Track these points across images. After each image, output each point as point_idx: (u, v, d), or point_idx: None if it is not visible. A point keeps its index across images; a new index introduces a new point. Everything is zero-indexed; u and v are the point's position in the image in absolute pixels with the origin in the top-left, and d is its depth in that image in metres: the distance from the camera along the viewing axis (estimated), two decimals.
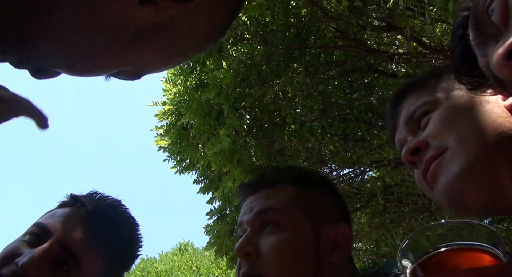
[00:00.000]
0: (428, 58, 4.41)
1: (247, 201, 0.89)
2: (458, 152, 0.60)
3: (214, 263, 14.21)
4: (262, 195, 0.86)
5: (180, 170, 5.68)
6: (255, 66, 4.65)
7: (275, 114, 4.86)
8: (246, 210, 0.86)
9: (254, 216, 0.84)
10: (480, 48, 0.51)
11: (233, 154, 4.38)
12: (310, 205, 0.86)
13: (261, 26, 4.69)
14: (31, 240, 0.76)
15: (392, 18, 4.07)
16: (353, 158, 4.83)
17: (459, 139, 0.61)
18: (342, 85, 5.12)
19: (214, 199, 5.32)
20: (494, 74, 0.48)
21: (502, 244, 0.49)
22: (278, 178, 0.90)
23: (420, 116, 0.70)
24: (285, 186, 0.87)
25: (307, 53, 4.67)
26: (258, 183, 0.91)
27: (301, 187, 0.88)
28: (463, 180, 0.59)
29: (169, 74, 5.27)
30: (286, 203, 0.84)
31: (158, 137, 5.62)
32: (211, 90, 4.45)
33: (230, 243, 5.10)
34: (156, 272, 15.46)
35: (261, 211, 0.83)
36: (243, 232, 0.84)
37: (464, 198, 0.59)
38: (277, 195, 0.85)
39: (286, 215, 0.82)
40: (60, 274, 0.74)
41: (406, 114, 0.73)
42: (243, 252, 0.80)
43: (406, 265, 0.51)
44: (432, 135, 0.66)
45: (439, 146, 0.63)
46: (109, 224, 0.81)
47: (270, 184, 0.88)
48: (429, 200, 5.03)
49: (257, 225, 0.83)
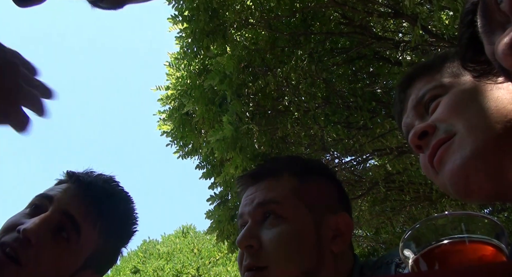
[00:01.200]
0: (434, 46, 4.36)
1: (248, 192, 0.88)
2: (466, 137, 0.60)
3: (215, 247, 14.39)
4: (263, 186, 0.86)
5: (182, 155, 5.70)
6: (259, 52, 4.61)
7: (279, 101, 4.84)
8: (247, 201, 0.86)
9: (255, 208, 0.84)
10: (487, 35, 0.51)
11: (236, 141, 4.38)
12: (310, 195, 0.86)
13: (266, 11, 4.64)
14: (32, 212, 0.78)
15: (399, 5, 4.01)
16: (355, 146, 4.83)
17: (468, 124, 0.61)
18: (347, 73, 5.09)
19: (216, 185, 5.35)
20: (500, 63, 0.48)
21: (505, 236, 0.49)
22: (278, 168, 0.90)
23: (429, 100, 0.69)
24: (285, 176, 0.87)
25: (312, 40, 4.62)
26: (258, 174, 0.91)
27: (301, 177, 0.88)
28: (470, 166, 0.59)
29: (172, 59, 5.24)
30: (286, 195, 0.84)
31: (161, 122, 5.62)
32: (214, 77, 4.42)
33: (231, 228, 5.15)
34: (158, 253, 15.67)
35: (262, 203, 0.83)
36: (244, 223, 0.85)
37: (469, 184, 0.59)
38: (277, 187, 0.85)
39: (287, 207, 0.82)
40: (60, 240, 0.76)
41: (414, 98, 0.72)
42: (245, 245, 0.81)
43: (408, 256, 0.52)
44: (440, 119, 0.65)
45: (447, 131, 0.63)
46: (105, 197, 0.83)
47: (270, 174, 0.88)
48: (430, 188, 5.05)
49: (258, 217, 0.83)
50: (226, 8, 4.52)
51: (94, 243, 0.80)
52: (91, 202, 0.80)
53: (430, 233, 0.51)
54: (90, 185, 0.82)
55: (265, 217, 0.82)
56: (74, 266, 0.79)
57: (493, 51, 0.49)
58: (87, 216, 0.79)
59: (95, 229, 0.80)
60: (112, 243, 0.85)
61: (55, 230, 0.76)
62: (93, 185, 0.83)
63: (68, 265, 0.78)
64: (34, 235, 0.73)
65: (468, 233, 0.49)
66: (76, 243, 0.77)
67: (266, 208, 0.83)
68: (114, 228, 0.84)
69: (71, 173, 0.86)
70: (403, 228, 6.12)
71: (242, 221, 0.87)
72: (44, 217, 0.75)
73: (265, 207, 0.83)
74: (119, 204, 0.86)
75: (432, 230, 0.51)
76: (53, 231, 0.76)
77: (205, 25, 4.48)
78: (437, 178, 0.65)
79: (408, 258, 0.52)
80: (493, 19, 0.49)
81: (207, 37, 4.58)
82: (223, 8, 4.50)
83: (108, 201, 0.83)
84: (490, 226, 0.49)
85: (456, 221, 0.50)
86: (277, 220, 0.81)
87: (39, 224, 0.74)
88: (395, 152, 4.84)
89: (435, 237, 0.49)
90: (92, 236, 0.80)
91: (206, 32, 4.56)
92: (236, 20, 4.50)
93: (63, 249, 0.76)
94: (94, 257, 0.81)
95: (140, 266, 15.52)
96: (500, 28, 0.48)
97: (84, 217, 0.78)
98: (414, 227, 0.52)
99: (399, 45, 4.53)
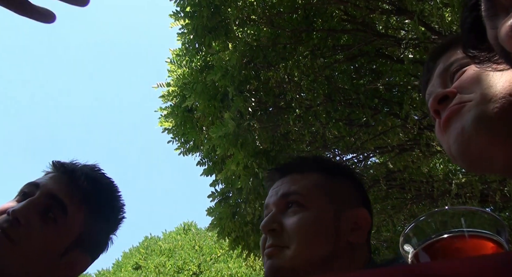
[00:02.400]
0: (437, 43, 4.34)
1: (274, 185, 0.96)
2: (479, 103, 0.60)
3: (216, 244, 14.43)
4: (288, 180, 0.94)
5: (184, 152, 5.70)
6: (261, 48, 4.60)
7: (280, 98, 4.83)
8: (273, 193, 0.94)
9: (279, 198, 0.91)
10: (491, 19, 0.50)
11: (237, 138, 4.38)
12: (332, 190, 0.92)
13: (268, 8, 4.62)
14: (21, 198, 0.84)
15: (402, 2, 3.99)
16: (357, 143, 4.82)
17: (484, 92, 0.61)
18: (349, 70, 5.07)
19: (217, 182, 5.35)
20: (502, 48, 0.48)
21: (505, 231, 0.49)
22: (304, 165, 0.98)
23: (456, 70, 0.69)
24: (310, 173, 0.94)
25: (314, 36, 4.61)
26: (285, 169, 0.98)
27: (326, 174, 0.95)
28: (474, 129, 0.59)
29: (174, 55, 5.23)
30: (310, 187, 0.91)
31: (162, 118, 5.62)
32: (216, 72, 4.42)
33: (233, 225, 5.16)
34: (160, 250, 15.73)
35: (286, 193, 0.91)
36: (269, 213, 0.91)
37: (470, 146, 0.60)
38: (302, 180, 0.92)
39: (309, 198, 0.89)
40: (47, 221, 0.81)
41: (442, 66, 0.72)
42: (268, 228, 0.87)
43: (408, 250, 0.52)
44: (462, 86, 0.65)
45: (466, 97, 0.63)
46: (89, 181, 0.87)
47: (296, 170, 0.96)
48: (432, 187, 5.04)
49: (282, 206, 0.90)
50: (228, 4, 4.50)
51: (81, 225, 0.85)
52: (76, 186, 0.85)
53: (430, 227, 0.50)
54: (75, 172, 0.88)
55: (288, 206, 0.89)
56: (63, 244, 0.83)
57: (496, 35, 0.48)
58: (72, 198, 0.84)
59: (81, 211, 0.85)
60: (99, 227, 0.89)
61: (42, 212, 0.81)
62: (77, 171, 0.88)
63: (56, 244, 0.82)
64: (22, 215, 0.78)
65: (468, 228, 0.48)
66: (63, 223, 0.82)
67: (290, 198, 0.90)
68: (100, 211, 0.88)
69: (56, 163, 0.91)
70: (404, 226, 6.12)
71: (267, 211, 0.93)
72: (31, 200, 0.81)
73: (288, 198, 0.90)
74: (104, 189, 0.91)
75: (432, 225, 0.50)
76: (41, 213, 0.81)
77: (207, 21, 4.47)
78: (444, 138, 0.66)
79: (408, 252, 0.51)
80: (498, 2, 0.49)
81: (209, 34, 4.57)
82: (225, 4, 4.49)
83: (92, 185, 0.87)
84: (490, 221, 0.49)
85: (456, 216, 0.50)
86: (298, 208, 0.88)
87: (27, 206, 0.79)
88: (396, 149, 4.84)
89: (435, 232, 0.49)
90: (79, 218, 0.85)
91: (208, 29, 4.55)
92: (238, 16, 4.48)
93: (52, 229, 0.81)
94: (82, 238, 0.85)
95: (141, 262, 15.58)
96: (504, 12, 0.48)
97: (70, 199, 0.84)
98: (414, 222, 0.52)
99: (401, 42, 4.51)
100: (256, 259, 8.65)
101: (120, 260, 16.49)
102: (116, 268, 16.23)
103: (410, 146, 4.90)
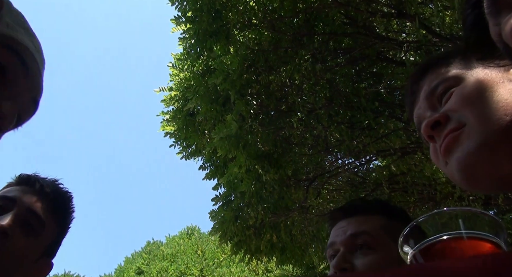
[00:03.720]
0: (438, 46, 4.34)
1: (339, 225, 1.00)
2: (476, 128, 0.60)
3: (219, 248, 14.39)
4: (354, 221, 0.98)
5: (186, 156, 5.71)
6: (262, 52, 4.62)
7: (282, 101, 4.84)
8: (339, 232, 0.97)
9: (348, 237, 0.95)
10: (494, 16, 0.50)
11: (239, 140, 4.38)
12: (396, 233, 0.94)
13: (269, 12, 4.64)
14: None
15: (402, 5, 4.00)
16: (359, 146, 4.81)
17: (478, 115, 0.61)
18: (350, 73, 5.07)
19: (220, 185, 5.35)
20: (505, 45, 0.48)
21: (504, 233, 0.49)
22: (368, 207, 1.03)
23: (443, 92, 0.70)
24: (374, 215, 0.99)
25: (315, 40, 4.62)
26: (349, 210, 1.03)
27: (388, 217, 0.99)
28: (477, 156, 0.59)
29: (175, 60, 5.26)
30: (376, 229, 0.95)
31: (164, 123, 5.63)
32: (218, 76, 4.43)
33: (235, 229, 5.15)
34: (162, 255, 15.70)
35: (355, 233, 0.95)
36: (335, 252, 0.96)
37: (476, 173, 0.60)
38: (368, 222, 0.97)
39: (376, 239, 0.93)
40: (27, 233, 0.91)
41: (427, 89, 0.72)
42: (341, 268, 0.91)
43: (407, 251, 0.52)
44: (453, 109, 0.65)
45: (459, 121, 0.63)
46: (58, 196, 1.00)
47: (361, 211, 1.01)
48: (434, 190, 5.02)
49: (350, 245, 0.94)
50: (229, 9, 4.52)
51: (53, 235, 0.97)
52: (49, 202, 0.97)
53: (429, 228, 0.50)
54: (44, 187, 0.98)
55: (356, 247, 0.94)
56: (38, 253, 0.94)
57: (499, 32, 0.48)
58: (47, 213, 0.95)
59: (54, 223, 0.97)
60: (62, 235, 1.02)
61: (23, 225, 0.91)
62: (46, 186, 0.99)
63: (34, 253, 0.93)
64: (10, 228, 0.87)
65: (467, 229, 0.48)
66: (41, 235, 0.94)
67: (359, 239, 0.94)
68: (65, 222, 1.02)
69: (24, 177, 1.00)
70: None
71: (332, 249, 0.97)
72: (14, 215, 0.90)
73: (358, 238, 0.94)
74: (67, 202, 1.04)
75: (431, 226, 0.51)
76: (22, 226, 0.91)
77: (208, 26, 4.49)
78: (446, 167, 0.66)
79: (407, 253, 0.52)
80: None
81: (210, 38, 4.59)
82: (226, 9, 4.51)
83: (60, 199, 1.00)
84: (489, 222, 0.49)
85: (455, 217, 0.50)
86: (367, 250, 0.92)
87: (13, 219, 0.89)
88: (398, 153, 4.82)
89: (434, 233, 0.49)
90: (52, 229, 0.97)
91: (209, 33, 4.57)
92: (239, 21, 4.50)
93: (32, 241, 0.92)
94: (51, 246, 0.98)
95: (144, 267, 15.56)
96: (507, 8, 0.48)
97: (45, 213, 0.95)
98: (413, 224, 0.52)
99: (402, 45, 4.51)
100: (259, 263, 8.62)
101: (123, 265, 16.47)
102: (119, 273, 16.21)
103: (412, 149, 4.89)
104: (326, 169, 5.57)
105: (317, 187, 5.47)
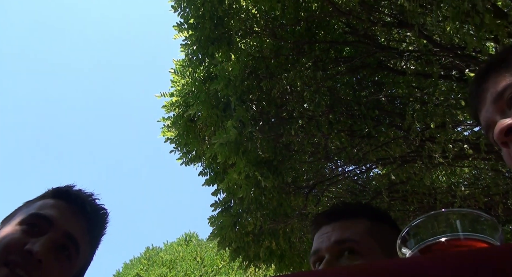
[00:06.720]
0: (438, 55, 4.37)
1: (323, 230, 0.96)
2: None
3: (218, 255, 14.31)
4: (338, 226, 0.94)
5: (186, 162, 5.71)
6: (263, 59, 4.64)
7: (283, 108, 4.85)
8: (324, 238, 0.94)
9: (332, 244, 0.92)
10: None
11: (239, 146, 4.39)
12: (381, 236, 0.93)
13: (271, 20, 4.68)
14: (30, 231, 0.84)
15: (403, 15, 4.03)
16: (359, 154, 4.82)
17: None
18: (351, 81, 5.10)
19: (219, 191, 5.34)
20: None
21: (501, 234, 0.49)
22: (352, 211, 1.00)
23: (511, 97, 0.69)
24: (359, 219, 0.96)
25: (316, 48, 4.65)
26: (333, 214, 0.99)
27: (373, 220, 0.97)
28: None
29: (177, 66, 5.28)
30: (362, 234, 0.92)
31: (165, 128, 5.64)
32: (219, 82, 4.45)
33: (233, 235, 5.13)
34: (161, 261, 15.61)
35: (340, 240, 0.92)
36: (319, 259, 0.93)
37: None
38: (352, 226, 0.94)
39: (362, 244, 0.90)
40: (62, 259, 0.84)
41: (494, 92, 0.71)
42: None
43: (405, 253, 0.52)
44: None
45: None
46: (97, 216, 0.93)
47: (345, 216, 0.97)
48: (434, 199, 5.01)
49: (335, 252, 0.91)
50: (231, 16, 4.56)
51: (86, 257, 0.91)
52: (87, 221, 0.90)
53: (426, 230, 0.51)
54: (84, 205, 0.90)
55: (342, 253, 0.90)
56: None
57: None
58: (84, 235, 0.88)
59: (89, 246, 0.91)
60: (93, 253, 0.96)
61: (57, 250, 0.84)
62: (86, 205, 0.91)
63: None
64: (45, 256, 0.80)
65: (464, 230, 0.49)
66: (75, 260, 0.87)
67: (344, 245, 0.91)
68: (98, 243, 0.95)
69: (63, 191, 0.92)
70: None
71: (316, 256, 0.94)
72: (50, 239, 0.83)
73: (343, 244, 0.91)
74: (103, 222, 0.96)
75: (428, 228, 0.51)
76: (56, 251, 0.84)
77: (210, 32, 4.52)
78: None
79: (405, 255, 0.52)
80: None
81: (212, 45, 4.62)
82: (228, 16, 4.55)
83: (97, 219, 0.93)
84: (486, 223, 0.49)
85: (453, 219, 0.51)
86: (353, 256, 0.89)
87: (47, 245, 0.81)
88: (398, 161, 4.82)
89: (431, 234, 0.50)
90: (86, 253, 0.90)
91: (211, 40, 4.60)
92: (241, 28, 4.54)
93: (65, 266, 0.85)
94: (82, 269, 0.92)
95: (143, 273, 15.45)
96: None
97: (82, 236, 0.88)
98: (411, 225, 0.52)
99: (403, 54, 4.54)
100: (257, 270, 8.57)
101: (121, 271, 16.37)
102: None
103: (412, 158, 4.89)
104: (326, 177, 5.57)
105: (317, 195, 5.47)
